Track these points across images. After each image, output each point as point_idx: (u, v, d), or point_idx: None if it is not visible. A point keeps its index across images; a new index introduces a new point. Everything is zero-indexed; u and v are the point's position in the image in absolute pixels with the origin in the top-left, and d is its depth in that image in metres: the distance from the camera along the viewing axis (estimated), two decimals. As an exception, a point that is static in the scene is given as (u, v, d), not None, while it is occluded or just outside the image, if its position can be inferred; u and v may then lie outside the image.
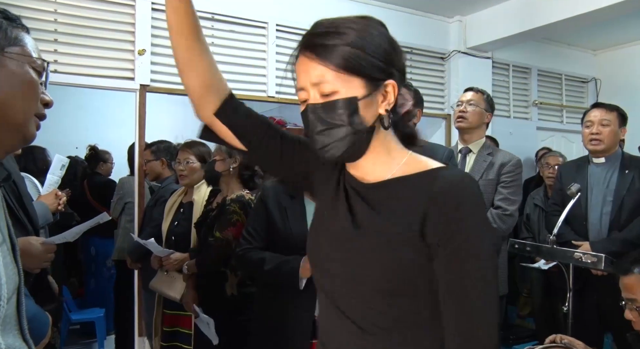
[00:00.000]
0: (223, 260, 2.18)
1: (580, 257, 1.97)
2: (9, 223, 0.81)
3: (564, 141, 5.00)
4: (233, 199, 2.21)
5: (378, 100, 0.89)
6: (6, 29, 0.78)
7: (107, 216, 1.87)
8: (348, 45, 0.85)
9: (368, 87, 0.87)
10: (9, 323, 0.75)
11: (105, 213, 1.93)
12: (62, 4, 2.78)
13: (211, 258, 2.16)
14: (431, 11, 4.04)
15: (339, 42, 0.86)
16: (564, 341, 1.68)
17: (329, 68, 0.86)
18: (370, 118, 0.88)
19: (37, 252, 1.58)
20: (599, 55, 5.17)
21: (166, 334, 2.42)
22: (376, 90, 0.88)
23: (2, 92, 0.76)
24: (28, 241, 1.59)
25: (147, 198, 3.12)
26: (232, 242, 2.14)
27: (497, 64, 4.46)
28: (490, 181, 2.43)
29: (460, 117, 2.53)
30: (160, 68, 3.05)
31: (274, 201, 1.81)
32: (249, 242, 1.82)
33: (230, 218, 2.15)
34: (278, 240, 1.78)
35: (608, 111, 2.53)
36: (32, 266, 1.59)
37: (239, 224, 2.15)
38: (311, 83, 0.87)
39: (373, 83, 0.87)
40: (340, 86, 0.86)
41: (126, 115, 3.40)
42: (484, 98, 2.55)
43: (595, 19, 3.60)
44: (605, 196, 2.50)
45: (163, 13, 3.06)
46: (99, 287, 4.23)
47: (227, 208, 2.19)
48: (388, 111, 0.90)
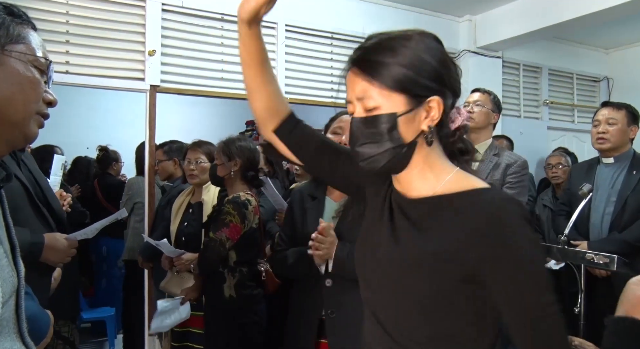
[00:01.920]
0: (220, 261, 2.18)
1: (592, 258, 1.95)
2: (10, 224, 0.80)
3: (576, 141, 4.95)
4: (229, 200, 2.21)
5: (421, 116, 0.89)
6: (9, 26, 0.76)
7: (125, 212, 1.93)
8: (400, 65, 0.86)
9: (410, 103, 0.88)
10: (6, 326, 0.74)
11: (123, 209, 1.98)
12: (74, 6, 2.80)
13: (206, 258, 2.17)
14: (441, 10, 4.02)
15: (391, 60, 0.87)
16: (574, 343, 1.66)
17: (373, 85, 0.87)
18: (411, 134, 0.89)
19: (62, 247, 1.65)
20: (611, 54, 5.11)
21: (177, 334, 2.43)
22: (419, 106, 0.88)
23: (2, 91, 0.74)
24: (54, 237, 1.65)
25: (157, 198, 3.14)
26: (225, 243, 2.14)
27: (508, 63, 4.43)
28: (495, 182, 2.41)
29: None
30: (170, 68, 3.07)
31: (298, 204, 1.87)
32: (280, 246, 1.90)
33: (224, 219, 2.15)
34: (299, 240, 1.81)
35: (615, 109, 2.51)
36: (57, 260, 1.66)
37: (232, 225, 2.14)
38: (356, 97, 0.90)
39: (416, 99, 0.88)
40: (382, 101, 0.87)
41: (136, 115, 3.42)
42: (491, 99, 2.54)
43: (608, 18, 3.57)
44: (610, 196, 2.48)
45: (173, 14, 3.09)
46: (110, 286, 4.27)
47: (222, 208, 2.20)
48: (431, 127, 0.89)
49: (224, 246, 2.14)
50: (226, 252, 2.17)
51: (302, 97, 3.48)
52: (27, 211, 1.66)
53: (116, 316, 4.02)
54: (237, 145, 2.30)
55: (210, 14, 3.20)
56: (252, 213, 2.21)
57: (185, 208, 2.61)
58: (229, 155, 2.27)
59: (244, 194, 2.24)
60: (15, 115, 0.76)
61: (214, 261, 2.16)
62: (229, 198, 2.23)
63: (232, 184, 2.30)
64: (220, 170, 2.28)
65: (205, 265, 2.19)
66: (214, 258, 2.15)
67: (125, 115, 4.92)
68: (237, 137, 2.40)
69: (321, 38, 3.54)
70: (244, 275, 2.22)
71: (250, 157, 2.32)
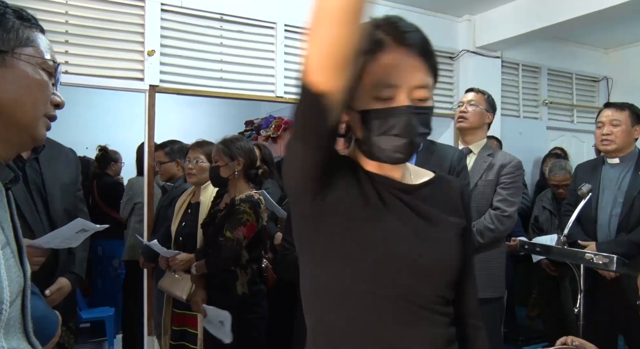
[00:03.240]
0: (234, 260, 2.20)
1: (592, 258, 1.95)
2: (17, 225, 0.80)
3: (575, 141, 4.96)
4: (243, 199, 2.24)
5: None
6: (18, 29, 0.78)
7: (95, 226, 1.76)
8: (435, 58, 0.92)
9: None
10: (13, 326, 0.75)
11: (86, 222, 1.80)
12: (73, 6, 2.80)
13: (222, 257, 2.18)
14: (440, 10, 4.02)
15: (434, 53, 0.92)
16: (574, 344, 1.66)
17: (431, 76, 0.90)
18: None
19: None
20: (610, 54, 5.12)
21: (175, 333, 2.44)
22: None
23: (11, 93, 0.76)
24: None
25: (157, 198, 3.14)
26: (242, 242, 2.18)
27: (507, 63, 4.42)
28: (489, 182, 2.41)
29: (461, 117, 2.52)
30: (169, 68, 3.07)
31: None
32: (285, 248, 1.92)
33: (241, 218, 2.19)
34: None
35: (619, 110, 2.50)
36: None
37: (249, 224, 2.19)
38: (415, 85, 0.87)
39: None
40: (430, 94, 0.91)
41: (135, 115, 3.42)
42: (485, 99, 2.54)
43: (607, 17, 3.57)
44: (616, 197, 2.47)
45: (172, 14, 3.08)
46: (108, 287, 4.26)
47: (237, 208, 2.22)
48: None
49: (241, 245, 2.18)
50: (241, 251, 2.21)
51: (301, 97, 3.47)
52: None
53: (115, 316, 4.02)
54: (237, 145, 2.33)
55: (209, 14, 3.20)
56: (263, 211, 2.29)
57: (185, 209, 2.62)
58: (231, 155, 2.29)
59: (255, 193, 2.29)
60: (23, 117, 0.78)
61: (230, 260, 2.19)
62: (242, 197, 2.25)
63: (236, 184, 2.32)
64: (224, 171, 2.30)
65: (218, 264, 2.20)
66: (230, 258, 2.18)
67: (124, 115, 4.92)
68: (234, 137, 2.42)
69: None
70: (254, 271, 2.29)
71: (251, 156, 2.37)
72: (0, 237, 0.71)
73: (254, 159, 2.39)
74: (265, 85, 3.39)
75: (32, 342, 0.80)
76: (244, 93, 3.34)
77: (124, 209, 3.70)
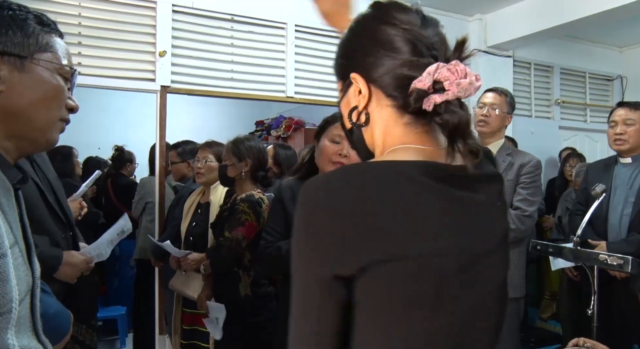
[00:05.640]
0: (235, 260, 2.18)
1: (606, 259, 1.92)
2: (26, 225, 0.81)
3: (588, 140, 4.90)
4: (242, 199, 2.22)
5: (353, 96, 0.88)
6: (38, 34, 0.80)
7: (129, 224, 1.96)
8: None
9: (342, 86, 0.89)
10: (23, 324, 0.76)
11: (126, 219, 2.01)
12: (86, 8, 2.83)
13: (221, 258, 2.17)
14: (451, 10, 4.00)
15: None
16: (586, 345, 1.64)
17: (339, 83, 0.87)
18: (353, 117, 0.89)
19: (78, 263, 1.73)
20: (625, 52, 5.05)
21: (186, 332, 2.45)
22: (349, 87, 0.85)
23: (28, 98, 0.78)
24: (71, 253, 1.72)
25: (169, 198, 3.16)
26: (242, 242, 2.14)
27: (519, 63, 4.39)
28: (509, 182, 2.39)
29: (482, 121, 2.47)
30: (180, 69, 3.09)
31: (290, 199, 1.80)
32: (267, 241, 1.82)
33: (239, 218, 2.16)
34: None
35: (632, 110, 2.46)
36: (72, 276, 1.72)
37: (247, 223, 2.15)
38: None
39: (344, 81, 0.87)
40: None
41: (147, 115, 3.45)
42: (507, 101, 2.49)
43: (621, 16, 3.52)
44: (628, 197, 2.44)
45: (183, 15, 3.10)
46: (122, 286, 4.30)
47: (237, 207, 2.20)
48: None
49: (240, 245, 2.14)
50: (242, 251, 2.17)
51: (311, 97, 3.47)
52: (43, 210, 1.69)
53: (127, 314, 4.05)
54: (246, 145, 2.30)
55: (220, 14, 3.21)
56: (266, 211, 2.22)
57: (195, 209, 2.63)
58: (239, 155, 2.27)
59: (256, 193, 2.25)
60: (39, 121, 0.80)
61: (229, 260, 2.16)
62: (243, 196, 2.23)
63: (242, 184, 2.31)
64: (231, 171, 2.29)
65: (219, 264, 2.19)
66: (229, 258, 2.15)
67: (135, 115, 4.96)
68: (245, 137, 2.40)
69: (331, 38, 3.53)
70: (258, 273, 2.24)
71: (260, 157, 2.33)
72: (9, 236, 0.72)
73: (263, 160, 2.35)
74: (276, 86, 3.39)
75: (42, 341, 0.81)
76: (255, 94, 3.35)
77: (136, 208, 3.73)
